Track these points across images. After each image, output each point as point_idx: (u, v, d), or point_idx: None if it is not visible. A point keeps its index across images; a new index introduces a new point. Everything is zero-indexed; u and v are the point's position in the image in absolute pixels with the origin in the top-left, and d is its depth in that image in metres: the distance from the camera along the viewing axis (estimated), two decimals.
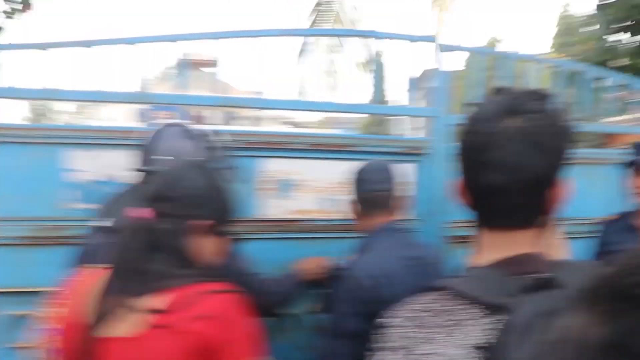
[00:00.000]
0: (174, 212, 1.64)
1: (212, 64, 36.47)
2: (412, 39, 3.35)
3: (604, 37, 5.47)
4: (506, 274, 1.13)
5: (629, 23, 5.69)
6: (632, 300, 0.52)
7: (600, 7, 5.22)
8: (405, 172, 2.74)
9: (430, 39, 3.35)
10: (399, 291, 2.28)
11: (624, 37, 5.60)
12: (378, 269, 2.28)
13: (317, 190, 3.09)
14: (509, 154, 1.16)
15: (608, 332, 0.52)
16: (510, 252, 1.18)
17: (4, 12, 4.61)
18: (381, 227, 2.46)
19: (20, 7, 4.59)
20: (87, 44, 2.88)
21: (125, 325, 1.48)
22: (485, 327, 1.06)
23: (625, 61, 5.88)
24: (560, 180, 1.17)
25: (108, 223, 2.18)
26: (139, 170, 2.30)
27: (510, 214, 1.20)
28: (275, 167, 3.04)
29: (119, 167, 2.83)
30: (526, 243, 1.19)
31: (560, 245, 1.25)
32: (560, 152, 1.17)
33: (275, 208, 3.05)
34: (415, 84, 4.21)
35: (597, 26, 5.52)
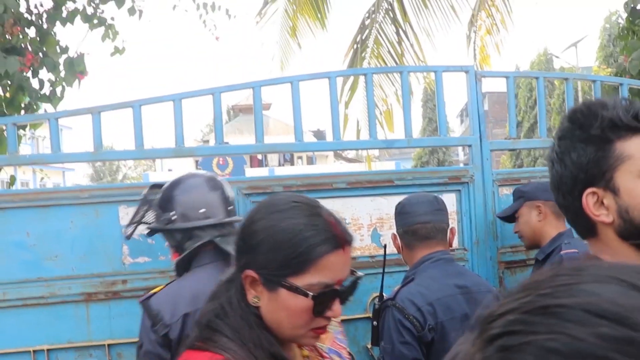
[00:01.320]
0: (236, 262, 1.43)
1: (266, 107, 37.33)
2: (447, 69, 3.42)
3: None
4: None
5: None
6: (496, 344, 0.52)
7: (629, 20, 5.18)
8: (449, 202, 2.79)
9: (463, 68, 3.41)
10: (445, 318, 2.35)
11: None
12: (421, 298, 2.35)
13: (359, 227, 3.15)
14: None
15: None
16: None
17: (49, 81, 4.91)
18: (425, 258, 2.52)
19: (76, 75, 4.87)
20: (135, 104, 3.04)
21: None
22: None
23: None
24: (585, 197, 1.27)
25: None
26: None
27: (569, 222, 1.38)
28: None
29: None
30: (593, 251, 1.33)
31: None
32: (560, 168, 1.31)
33: None
34: (464, 113, 4.26)
35: (634, 38, 5.46)
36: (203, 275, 2.23)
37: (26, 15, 4.90)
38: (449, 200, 3.18)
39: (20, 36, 4.51)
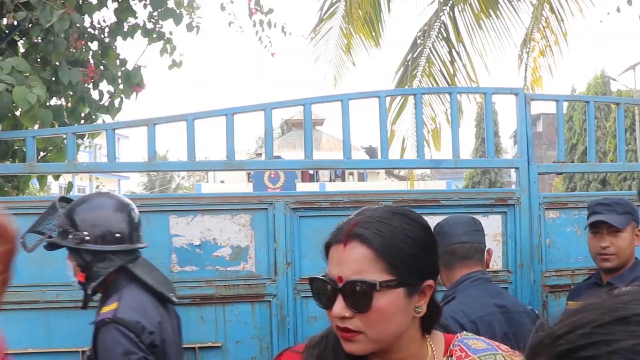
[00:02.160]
0: None
1: (319, 122, 37.50)
2: (496, 91, 3.43)
3: None
4: None
5: None
6: (571, 358, 0.54)
7: None
8: (494, 224, 2.79)
9: (513, 90, 3.42)
10: (487, 336, 2.35)
11: None
12: (463, 316, 2.37)
13: None
14: None
15: None
16: None
17: (108, 92, 5.10)
18: (465, 277, 2.54)
19: (134, 87, 5.05)
20: (189, 117, 3.14)
21: None
22: None
23: None
24: None
25: None
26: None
27: None
28: None
29: (217, 230, 3.07)
30: None
31: None
32: None
33: None
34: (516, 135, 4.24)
35: None
36: (137, 293, 2.33)
37: (90, 29, 5.11)
38: (495, 222, 3.19)
39: (84, 49, 4.70)
